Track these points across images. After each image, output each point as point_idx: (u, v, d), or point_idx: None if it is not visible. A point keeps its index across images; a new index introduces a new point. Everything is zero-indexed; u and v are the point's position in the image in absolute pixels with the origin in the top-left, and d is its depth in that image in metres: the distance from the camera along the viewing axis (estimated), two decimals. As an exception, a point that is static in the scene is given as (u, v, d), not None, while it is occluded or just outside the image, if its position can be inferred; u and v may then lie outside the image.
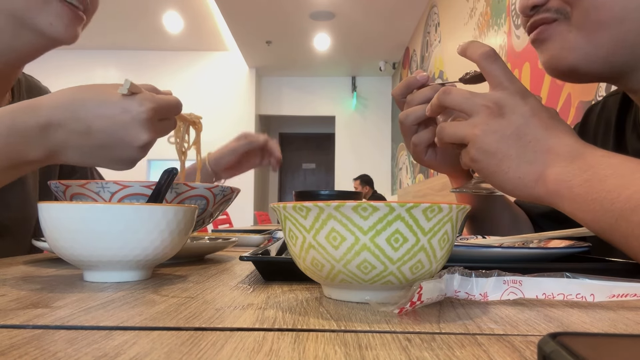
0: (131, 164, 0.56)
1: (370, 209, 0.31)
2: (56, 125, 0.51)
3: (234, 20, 5.59)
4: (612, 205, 0.40)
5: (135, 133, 0.53)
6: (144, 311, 0.32)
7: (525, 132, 0.46)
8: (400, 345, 0.24)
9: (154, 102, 0.54)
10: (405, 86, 0.59)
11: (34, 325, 0.28)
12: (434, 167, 0.64)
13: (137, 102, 0.52)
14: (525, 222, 0.75)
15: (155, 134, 0.55)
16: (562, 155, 0.44)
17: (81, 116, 0.52)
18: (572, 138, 0.46)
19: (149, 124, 0.53)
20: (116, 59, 7.00)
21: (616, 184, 0.40)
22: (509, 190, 0.47)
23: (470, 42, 0.51)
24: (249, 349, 0.24)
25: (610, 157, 0.43)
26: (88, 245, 0.42)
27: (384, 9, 5.12)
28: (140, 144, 0.54)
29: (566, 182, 0.43)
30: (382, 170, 7.22)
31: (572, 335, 0.16)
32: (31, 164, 0.54)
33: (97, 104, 0.52)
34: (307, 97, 7.59)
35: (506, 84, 0.47)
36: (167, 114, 0.57)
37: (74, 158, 0.55)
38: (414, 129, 0.59)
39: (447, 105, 0.49)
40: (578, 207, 0.43)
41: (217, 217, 0.71)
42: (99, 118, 0.52)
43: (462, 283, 0.35)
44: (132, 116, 0.52)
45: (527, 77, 2.47)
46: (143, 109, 0.52)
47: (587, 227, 0.44)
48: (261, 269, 0.47)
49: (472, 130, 0.47)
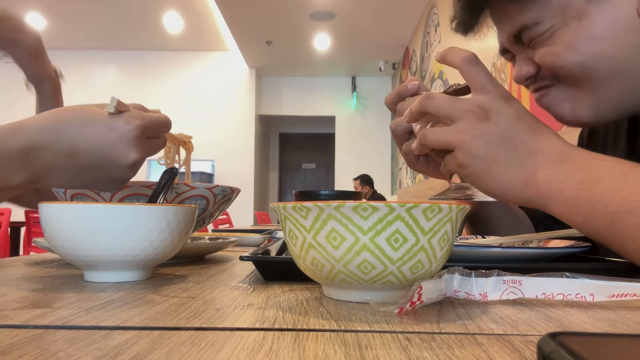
0: (120, 184, 0.54)
1: (370, 209, 0.31)
2: (40, 148, 0.49)
3: (234, 20, 5.59)
4: (606, 207, 0.40)
5: (123, 151, 0.51)
6: (144, 311, 0.32)
7: (512, 135, 0.45)
8: (400, 345, 0.24)
9: (142, 119, 0.52)
10: (396, 94, 0.58)
11: (34, 325, 0.28)
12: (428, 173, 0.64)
13: (124, 120, 0.51)
14: (527, 224, 0.75)
15: (144, 152, 0.53)
16: (551, 158, 0.44)
17: (66, 137, 0.50)
18: (558, 140, 0.46)
19: (137, 142, 0.51)
20: (116, 59, 7.00)
21: (609, 186, 0.40)
22: (497, 194, 0.46)
23: (449, 48, 0.50)
24: (249, 348, 0.24)
25: (601, 159, 0.43)
26: (88, 245, 0.42)
27: (384, 9, 5.12)
28: (128, 163, 0.51)
29: (557, 184, 0.43)
30: (382, 170, 7.22)
31: (571, 335, 0.16)
32: (12, 189, 0.51)
33: (82, 123, 0.50)
34: (307, 97, 7.59)
35: (489, 88, 0.47)
36: (156, 132, 0.55)
37: (59, 181, 0.52)
38: (406, 137, 0.59)
39: (429, 111, 0.48)
40: (570, 210, 0.42)
41: (217, 217, 0.71)
42: (84, 138, 0.50)
43: (462, 283, 0.35)
44: (120, 134, 0.50)
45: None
46: (131, 127, 0.50)
47: (579, 230, 0.44)
48: (261, 269, 0.47)
49: (458, 136, 0.46)
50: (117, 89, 6.92)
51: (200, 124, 6.88)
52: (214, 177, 6.91)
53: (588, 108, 0.57)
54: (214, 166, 7.06)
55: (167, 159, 0.69)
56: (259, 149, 7.56)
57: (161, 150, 0.60)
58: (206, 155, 6.80)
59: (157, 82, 6.99)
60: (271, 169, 8.76)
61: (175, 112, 6.88)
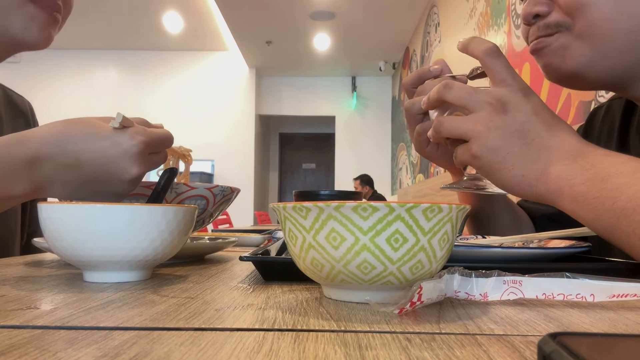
0: (119, 198, 0.54)
1: (370, 209, 0.31)
2: (44, 160, 0.49)
3: (234, 20, 5.59)
4: (614, 204, 0.40)
5: (125, 167, 0.51)
6: (144, 311, 0.32)
7: (529, 129, 0.45)
8: (400, 345, 0.24)
9: (146, 135, 0.52)
10: (417, 77, 0.59)
11: (34, 325, 0.28)
12: (435, 159, 0.64)
13: (128, 136, 0.51)
14: (527, 223, 0.75)
15: (146, 167, 0.54)
16: (565, 154, 0.44)
17: (70, 149, 0.50)
18: (574, 137, 0.46)
19: (139, 158, 0.52)
20: (116, 59, 7.00)
21: (618, 183, 0.40)
22: (510, 188, 0.47)
23: (472, 37, 0.50)
24: (249, 349, 0.24)
25: (612, 156, 0.43)
26: (88, 246, 0.42)
27: (384, 9, 5.12)
28: (129, 178, 0.52)
29: (568, 180, 0.43)
30: (382, 170, 7.22)
31: (572, 335, 0.16)
32: (14, 199, 0.52)
33: (87, 137, 0.51)
34: (307, 97, 7.59)
35: (509, 81, 0.47)
36: (158, 147, 0.55)
37: (59, 193, 0.53)
38: (420, 118, 0.59)
39: (447, 99, 0.48)
40: (579, 206, 0.43)
41: (217, 217, 0.71)
42: (88, 152, 0.50)
43: (462, 283, 0.35)
44: (123, 149, 0.51)
45: (527, 77, 2.47)
46: (134, 142, 0.51)
47: (587, 226, 0.44)
48: (261, 269, 0.47)
49: (474, 127, 0.46)
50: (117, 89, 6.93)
51: (200, 124, 6.89)
52: (213, 177, 6.91)
53: (581, 60, 0.54)
54: (214, 166, 7.06)
55: None
56: (259, 149, 7.56)
57: None
58: (206, 155, 6.80)
59: (157, 82, 6.99)
60: (271, 169, 8.76)
61: (175, 112, 6.90)
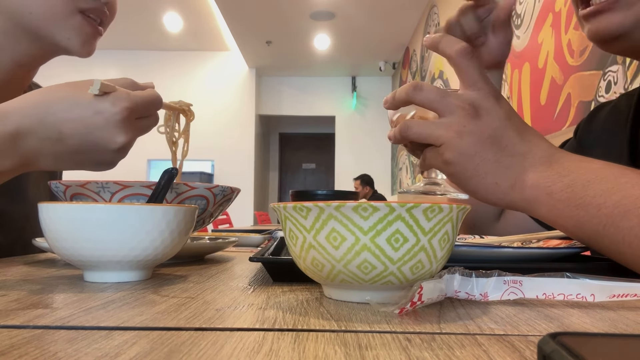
0: (110, 166, 0.53)
1: (371, 209, 0.31)
2: (26, 133, 0.48)
3: (234, 20, 5.59)
4: (599, 211, 0.39)
5: (110, 136, 0.49)
6: (144, 311, 0.32)
7: (502, 135, 0.44)
8: (401, 345, 0.24)
9: (129, 100, 0.50)
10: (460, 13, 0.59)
11: (34, 325, 0.28)
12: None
13: (109, 103, 0.48)
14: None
15: (134, 134, 0.51)
16: (538, 160, 0.43)
17: (50, 121, 0.48)
18: (545, 143, 0.45)
19: (124, 125, 0.49)
20: (116, 59, 7.00)
21: (601, 189, 0.39)
22: (482, 196, 0.45)
23: (442, 35, 0.48)
24: (249, 349, 0.24)
25: (589, 162, 0.42)
26: (88, 246, 0.42)
27: (384, 9, 5.12)
28: (116, 147, 0.50)
29: (545, 187, 0.42)
30: (382, 170, 7.22)
31: (572, 335, 0.16)
32: (4, 174, 0.50)
33: (67, 107, 0.48)
34: (307, 97, 7.59)
35: (480, 85, 0.45)
36: (145, 111, 0.52)
37: (49, 164, 0.51)
38: None
39: (417, 102, 0.46)
40: (559, 214, 0.41)
41: (217, 217, 0.71)
42: (69, 122, 0.48)
43: (462, 283, 0.35)
44: (105, 118, 0.48)
45: (527, 77, 2.47)
46: (117, 110, 0.48)
47: (568, 234, 0.43)
48: (270, 270, 0.47)
49: (446, 132, 0.44)
50: (117, 89, 6.92)
51: (200, 124, 6.87)
52: (213, 177, 6.91)
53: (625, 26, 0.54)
54: (214, 166, 7.06)
55: (167, 127, 0.67)
56: (259, 149, 7.56)
57: (160, 119, 0.58)
58: (206, 155, 6.80)
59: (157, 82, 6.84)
60: (271, 169, 8.75)
61: (175, 112, 6.90)
